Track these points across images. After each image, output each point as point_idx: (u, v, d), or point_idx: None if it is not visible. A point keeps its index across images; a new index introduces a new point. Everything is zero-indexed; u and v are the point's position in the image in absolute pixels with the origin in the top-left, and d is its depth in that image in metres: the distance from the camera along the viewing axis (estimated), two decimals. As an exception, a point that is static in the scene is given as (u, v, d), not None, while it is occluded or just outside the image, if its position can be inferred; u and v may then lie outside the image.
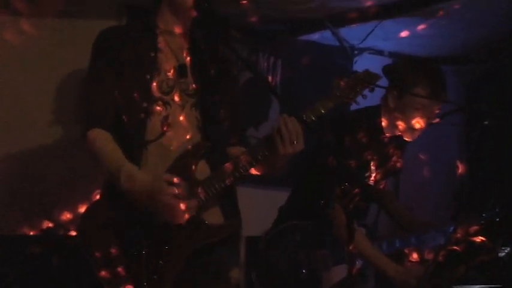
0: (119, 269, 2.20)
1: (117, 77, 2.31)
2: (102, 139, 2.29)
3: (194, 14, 2.33)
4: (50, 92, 3.28)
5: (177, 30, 2.40)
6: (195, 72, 2.41)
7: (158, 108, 2.32)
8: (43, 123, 3.25)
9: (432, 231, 2.97)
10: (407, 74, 2.96)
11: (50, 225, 3.06)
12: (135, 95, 2.29)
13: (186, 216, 2.19)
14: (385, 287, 3.02)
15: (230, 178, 2.29)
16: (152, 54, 2.35)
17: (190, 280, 2.31)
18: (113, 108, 2.31)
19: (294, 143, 2.24)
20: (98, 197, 2.39)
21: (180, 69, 2.38)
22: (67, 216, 3.11)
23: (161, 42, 2.39)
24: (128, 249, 2.22)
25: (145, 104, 2.30)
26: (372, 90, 2.46)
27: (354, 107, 2.71)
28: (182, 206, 2.16)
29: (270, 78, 4.12)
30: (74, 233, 2.96)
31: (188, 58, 2.41)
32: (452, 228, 2.90)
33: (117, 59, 2.32)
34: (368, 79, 2.44)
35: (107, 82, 2.31)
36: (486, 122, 2.73)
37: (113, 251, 2.21)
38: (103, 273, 2.20)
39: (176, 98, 2.35)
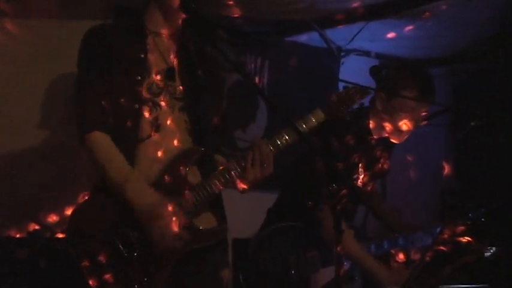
0: (109, 274, 2.19)
1: (107, 77, 2.29)
2: (104, 144, 2.28)
3: (183, 15, 2.32)
4: (36, 94, 3.25)
5: (166, 31, 2.40)
6: (183, 75, 2.41)
7: (148, 109, 2.32)
8: (30, 125, 3.22)
9: (419, 232, 2.98)
10: (395, 76, 2.97)
11: (37, 227, 3.04)
12: (126, 97, 2.28)
13: (175, 245, 2.20)
14: (373, 286, 3.02)
15: (221, 184, 2.30)
16: (142, 56, 2.34)
17: (181, 284, 2.31)
18: (105, 108, 2.29)
19: (263, 166, 2.28)
20: (86, 198, 2.38)
21: (169, 73, 2.37)
22: (53, 218, 3.09)
23: (150, 43, 2.38)
24: (119, 252, 2.21)
25: (136, 106, 2.29)
26: (362, 105, 2.49)
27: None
28: (173, 236, 2.19)
29: (257, 79, 4.12)
30: (60, 235, 2.94)
31: (176, 60, 2.41)
32: (439, 229, 2.92)
33: (107, 58, 2.30)
34: (359, 95, 2.49)
35: (99, 82, 2.30)
36: (473, 123, 2.75)
37: (103, 254, 2.20)
38: (93, 277, 2.18)
39: (164, 101, 2.35)
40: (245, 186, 2.37)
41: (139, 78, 2.31)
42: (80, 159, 2.81)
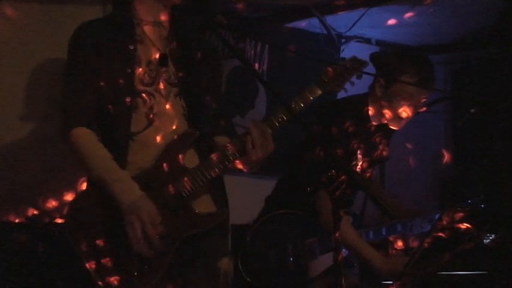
0: (108, 260, 2.19)
1: (97, 72, 2.28)
2: (88, 141, 2.27)
3: (177, 1, 2.31)
4: (35, 79, 3.23)
5: (157, 18, 2.38)
6: (176, 61, 2.39)
7: (142, 100, 2.31)
8: (29, 110, 3.21)
9: (418, 219, 2.98)
10: (395, 63, 2.96)
11: (36, 212, 3.04)
12: (117, 90, 2.27)
13: (143, 249, 2.19)
14: (370, 274, 3.03)
15: (218, 168, 2.29)
16: (131, 47, 2.32)
17: (180, 270, 2.31)
18: (94, 104, 2.28)
19: (264, 145, 2.26)
20: (84, 186, 2.38)
21: (161, 59, 2.36)
22: (52, 204, 3.09)
23: (140, 33, 2.36)
24: (118, 240, 2.21)
25: (128, 98, 2.28)
26: (359, 77, 2.46)
27: (341, 94, 2.71)
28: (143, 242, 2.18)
29: (257, 65, 4.11)
30: (59, 221, 2.94)
31: (168, 47, 2.38)
32: (438, 215, 2.91)
33: (96, 54, 2.29)
34: (356, 66, 2.44)
35: (87, 77, 2.28)
36: (472, 110, 2.75)
37: (102, 242, 2.20)
38: (92, 264, 2.19)
39: (160, 87, 2.33)
40: (243, 168, 2.36)
41: (130, 70, 2.30)
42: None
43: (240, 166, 2.37)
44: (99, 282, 2.19)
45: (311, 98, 2.37)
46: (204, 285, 2.34)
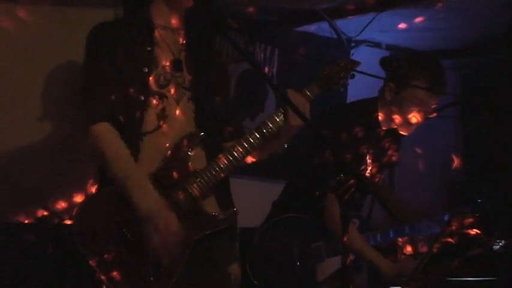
0: (121, 268, 2.18)
1: (114, 69, 2.29)
2: (110, 139, 2.26)
3: (190, 3, 2.32)
4: (46, 81, 3.25)
5: (172, 24, 2.40)
6: (190, 65, 2.41)
7: (154, 101, 2.32)
8: (39, 112, 3.23)
9: (427, 220, 2.97)
10: (406, 67, 2.95)
11: (45, 213, 3.05)
12: (133, 88, 2.28)
13: (163, 257, 2.19)
14: (378, 277, 3.02)
15: (226, 169, 2.29)
16: (149, 49, 2.35)
17: (189, 274, 2.29)
18: (112, 99, 2.29)
19: (299, 113, 2.23)
20: (93, 189, 2.38)
21: (176, 64, 2.38)
22: (62, 205, 3.11)
23: (157, 36, 2.38)
24: (132, 245, 2.20)
25: (142, 98, 2.29)
26: (352, 77, 2.48)
27: (350, 99, 2.71)
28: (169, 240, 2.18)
29: (266, 69, 4.11)
30: (68, 222, 2.95)
31: (183, 52, 2.41)
32: (447, 216, 2.91)
33: (113, 51, 2.30)
34: (349, 66, 2.46)
35: (106, 74, 2.29)
36: (483, 115, 2.73)
37: (114, 248, 2.19)
38: (104, 272, 2.17)
39: (172, 91, 2.35)
40: (253, 159, 2.38)
41: (147, 70, 2.32)
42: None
43: (248, 160, 2.37)
44: None
45: (312, 97, 2.40)
46: None
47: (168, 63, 2.37)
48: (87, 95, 2.32)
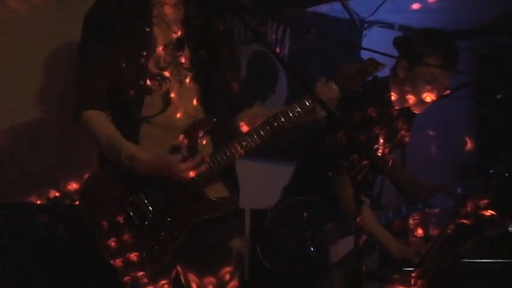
0: (120, 240, 2.20)
1: (112, 53, 2.26)
2: (98, 121, 2.27)
3: None
4: (50, 65, 3.23)
5: (171, 0, 2.35)
6: (191, 44, 2.36)
7: (158, 83, 2.29)
8: (47, 93, 3.22)
9: (439, 194, 2.96)
10: (419, 44, 2.92)
11: (57, 194, 3.06)
12: (132, 71, 2.26)
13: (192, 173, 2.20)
14: (388, 258, 3.02)
15: (237, 152, 2.27)
16: (147, 30, 2.30)
17: (190, 252, 2.32)
18: (105, 86, 2.28)
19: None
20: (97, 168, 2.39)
21: (177, 43, 2.33)
22: (73, 186, 3.11)
23: (156, 15, 2.33)
24: (130, 220, 2.22)
25: (141, 81, 2.27)
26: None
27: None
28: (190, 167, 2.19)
29: (278, 49, 4.08)
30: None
31: (184, 30, 2.35)
32: (459, 189, 2.90)
33: (111, 34, 2.27)
34: (372, 69, 2.41)
35: (101, 59, 2.27)
36: (498, 96, 2.70)
37: (115, 222, 2.21)
38: (105, 244, 2.20)
39: (174, 73, 2.32)
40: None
41: (145, 53, 2.28)
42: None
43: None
44: (111, 261, 2.21)
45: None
46: (216, 264, 2.34)
47: (168, 43, 2.32)
48: (79, 81, 2.31)
